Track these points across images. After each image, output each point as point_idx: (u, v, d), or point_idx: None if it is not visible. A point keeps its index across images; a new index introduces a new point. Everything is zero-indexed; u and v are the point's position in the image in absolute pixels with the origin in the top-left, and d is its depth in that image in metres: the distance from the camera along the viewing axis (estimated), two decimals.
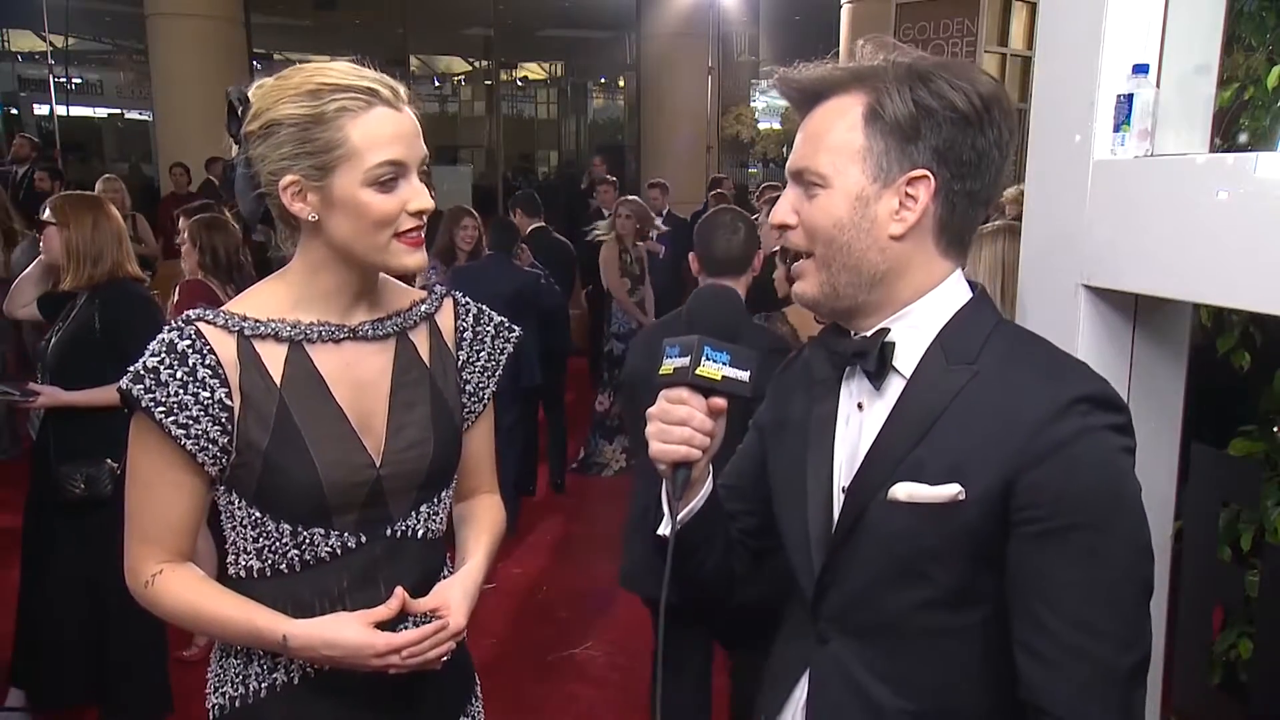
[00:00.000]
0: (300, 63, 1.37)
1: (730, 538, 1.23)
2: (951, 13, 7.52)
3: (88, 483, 2.72)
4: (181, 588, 1.26)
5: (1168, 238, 1.25)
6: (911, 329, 1.06)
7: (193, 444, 1.21)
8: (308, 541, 1.27)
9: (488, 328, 1.43)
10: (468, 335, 1.41)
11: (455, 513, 1.46)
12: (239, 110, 1.23)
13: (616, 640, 3.72)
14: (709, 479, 1.15)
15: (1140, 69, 1.33)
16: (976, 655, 1.03)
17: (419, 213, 1.23)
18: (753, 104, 15.68)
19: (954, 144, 1.01)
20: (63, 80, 13.65)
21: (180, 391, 1.20)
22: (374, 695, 1.30)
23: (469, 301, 1.44)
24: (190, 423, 1.20)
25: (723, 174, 10.99)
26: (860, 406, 1.09)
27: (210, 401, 1.21)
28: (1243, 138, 1.99)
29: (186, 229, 3.43)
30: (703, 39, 12.73)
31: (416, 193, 1.23)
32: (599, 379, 6.01)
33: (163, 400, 1.19)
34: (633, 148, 13.68)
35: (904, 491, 1.01)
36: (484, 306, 1.46)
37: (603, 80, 18.34)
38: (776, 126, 14.93)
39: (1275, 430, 1.84)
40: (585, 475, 5.71)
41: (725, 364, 1.05)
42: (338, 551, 1.28)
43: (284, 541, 1.27)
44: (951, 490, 0.98)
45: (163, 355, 1.21)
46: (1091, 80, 1.35)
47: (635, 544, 2.53)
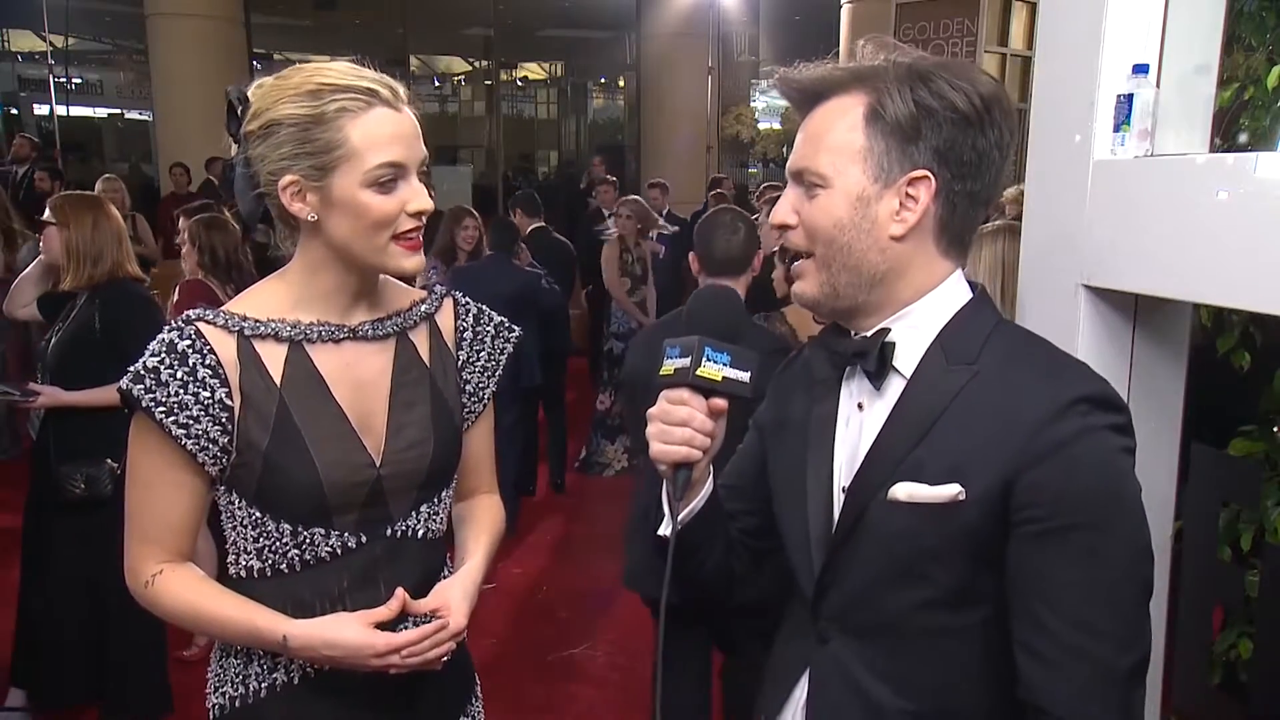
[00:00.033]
0: (300, 63, 1.37)
1: (730, 538, 1.23)
2: (951, 13, 7.52)
3: (88, 483, 2.72)
4: (181, 588, 1.26)
5: (1168, 238, 1.25)
6: (912, 329, 1.06)
7: (193, 444, 1.21)
8: (308, 541, 1.27)
9: (488, 328, 1.44)
10: (468, 335, 1.41)
11: (455, 512, 1.46)
12: (238, 109, 1.23)
13: (616, 640, 3.72)
14: (709, 479, 1.15)
15: (1140, 69, 1.33)
16: (976, 655, 1.03)
17: (418, 214, 1.23)
18: (753, 104, 15.67)
19: (954, 144, 1.01)
20: (63, 80, 13.65)
21: (180, 391, 1.20)
22: (374, 695, 1.30)
23: (469, 301, 1.44)
24: (190, 423, 1.20)
25: (723, 174, 10.99)
26: (860, 406, 1.09)
27: (210, 401, 1.21)
28: (1243, 138, 1.99)
29: (186, 229, 3.42)
30: (703, 39, 12.73)
31: (416, 193, 1.23)
32: (599, 378, 6.01)
33: (163, 400, 1.19)
34: (633, 148, 13.68)
35: (904, 491, 1.01)
36: (484, 306, 1.46)
37: (603, 80, 18.34)
38: (776, 126, 14.93)
39: (1275, 430, 1.84)
40: (587, 475, 5.71)
41: (726, 365, 1.05)
42: (338, 551, 1.28)
43: (284, 541, 1.27)
44: (951, 490, 0.98)
45: (163, 355, 1.21)
46: (1091, 80, 1.35)
47: (637, 544, 2.53)
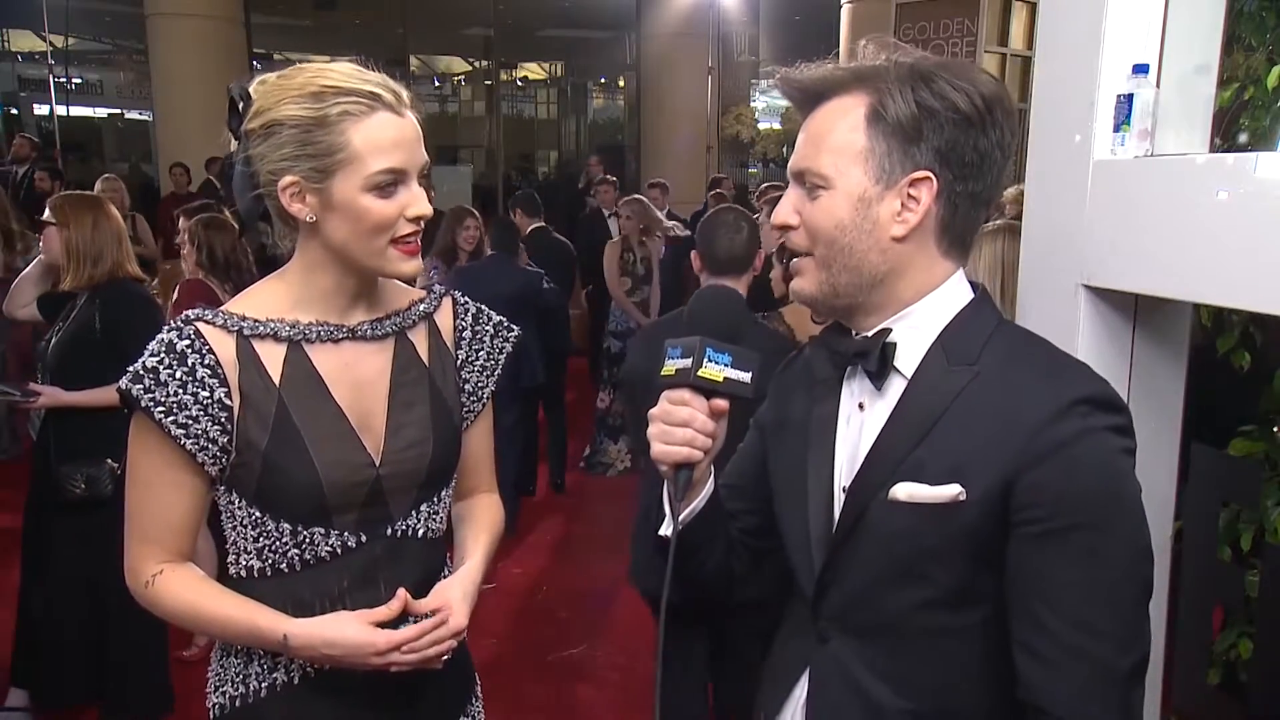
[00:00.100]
0: (300, 62, 1.37)
1: (731, 538, 1.23)
2: (951, 13, 7.51)
3: (88, 483, 2.72)
4: (182, 587, 1.26)
5: (1168, 238, 1.25)
6: (913, 329, 1.05)
7: (192, 444, 1.21)
8: (308, 541, 1.27)
9: (487, 327, 1.44)
10: (466, 335, 1.41)
11: (454, 512, 1.46)
12: (240, 106, 1.23)
13: (616, 640, 3.72)
14: (710, 479, 1.15)
15: (1140, 69, 1.33)
16: (976, 655, 1.03)
17: (417, 219, 1.23)
18: (753, 104, 15.67)
19: (956, 145, 1.01)
20: (63, 80, 13.65)
21: (180, 391, 1.20)
22: (374, 695, 1.30)
23: (468, 301, 1.44)
24: (190, 422, 1.20)
25: (723, 174, 10.99)
26: (861, 406, 1.09)
27: (210, 401, 1.21)
28: (1243, 138, 1.99)
29: (186, 229, 3.42)
30: (703, 39, 12.73)
31: (415, 198, 1.23)
32: (599, 378, 6.01)
33: (162, 400, 1.19)
34: (633, 148, 13.68)
35: (904, 492, 1.01)
36: (483, 306, 1.46)
37: (603, 80, 18.34)
38: (776, 126, 14.92)
39: (1275, 430, 1.84)
40: (590, 474, 5.70)
41: (727, 365, 1.05)
42: (338, 551, 1.28)
43: (284, 541, 1.27)
44: (952, 491, 0.98)
45: (162, 355, 1.21)
46: (1091, 80, 1.35)
47: (641, 540, 2.53)
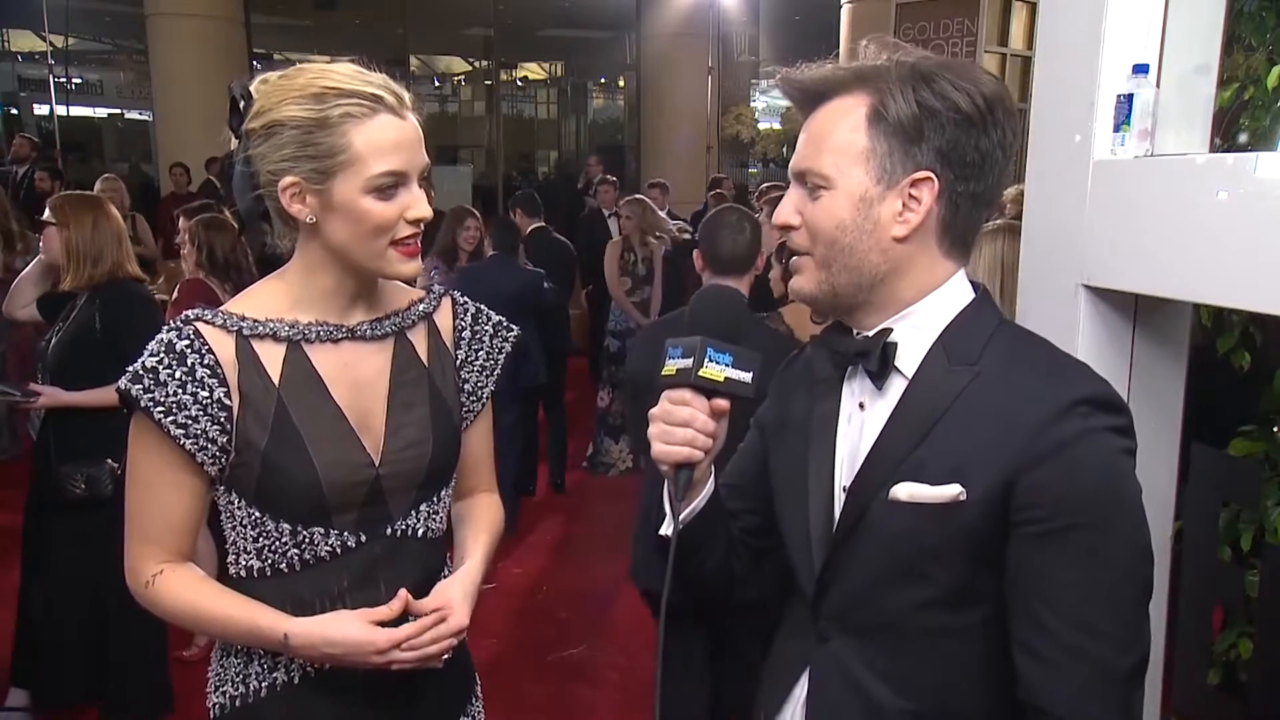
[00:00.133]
0: (300, 62, 1.37)
1: (731, 537, 1.23)
2: (951, 13, 7.50)
3: (88, 483, 2.72)
4: (182, 587, 1.26)
5: (1168, 238, 1.25)
6: (914, 329, 1.05)
7: (192, 444, 1.21)
8: (307, 541, 1.27)
9: (486, 327, 1.44)
10: (466, 334, 1.41)
11: (454, 512, 1.46)
12: (241, 105, 1.23)
13: (616, 640, 3.72)
14: (711, 479, 1.15)
15: (1140, 69, 1.34)
16: (976, 655, 1.03)
17: (417, 221, 1.23)
18: (753, 104, 15.67)
19: (957, 145, 1.01)
20: (63, 80, 13.65)
21: (179, 391, 1.20)
22: (374, 694, 1.30)
23: (467, 301, 1.44)
24: (189, 422, 1.20)
25: (723, 174, 10.99)
26: (862, 406, 1.09)
27: (209, 401, 1.21)
28: (1243, 138, 1.99)
29: (186, 229, 3.42)
30: (703, 39, 12.73)
31: (415, 201, 1.23)
32: (599, 378, 6.01)
33: (162, 400, 1.19)
34: (633, 148, 13.68)
35: (905, 491, 1.01)
36: (482, 306, 1.46)
37: (603, 80, 18.34)
38: (776, 126, 14.92)
39: (1275, 430, 1.84)
40: (592, 474, 5.70)
41: (728, 365, 1.05)
42: (337, 551, 1.28)
43: (284, 541, 1.27)
44: (952, 491, 0.98)
45: (161, 355, 1.21)
46: (1091, 80, 1.35)
47: (642, 539, 2.53)
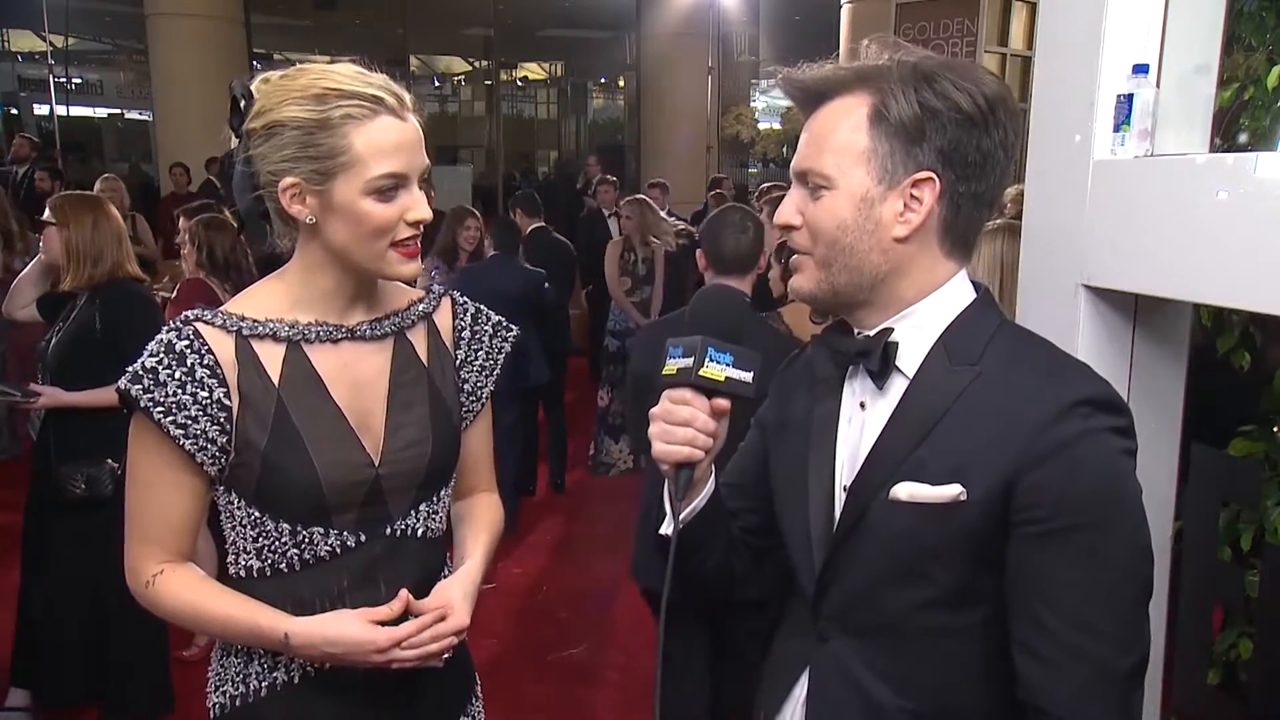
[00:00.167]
0: (300, 62, 1.37)
1: (732, 537, 1.23)
2: (951, 13, 7.50)
3: (88, 483, 2.72)
4: (182, 587, 1.26)
5: (1168, 238, 1.25)
6: (915, 329, 1.05)
7: (191, 444, 1.21)
8: (307, 541, 1.27)
9: (485, 327, 1.44)
10: (465, 334, 1.41)
11: (453, 511, 1.46)
12: (241, 105, 1.23)
13: (616, 640, 3.72)
14: (711, 478, 1.15)
15: (1140, 69, 1.34)
16: (976, 655, 1.03)
17: (416, 223, 1.23)
18: (753, 104, 15.66)
19: (959, 145, 1.01)
20: (63, 80, 13.65)
21: (179, 391, 1.20)
22: (375, 694, 1.30)
23: (467, 301, 1.44)
24: (189, 422, 1.20)
25: (723, 174, 10.99)
26: (863, 406, 1.09)
27: (209, 401, 1.21)
28: (1243, 138, 1.99)
29: (186, 229, 3.42)
30: (703, 39, 12.73)
31: (416, 202, 1.23)
32: (599, 378, 6.01)
33: (161, 400, 1.19)
34: (633, 148, 13.68)
35: (905, 491, 1.01)
36: (482, 306, 1.46)
37: (603, 80, 18.34)
38: (776, 126, 14.92)
39: (1275, 430, 1.83)
40: (593, 474, 5.69)
41: (729, 365, 1.05)
42: (337, 550, 1.28)
43: (283, 541, 1.27)
44: (953, 491, 0.98)
45: (161, 355, 1.21)
46: (1091, 80, 1.35)
47: (645, 536, 2.53)
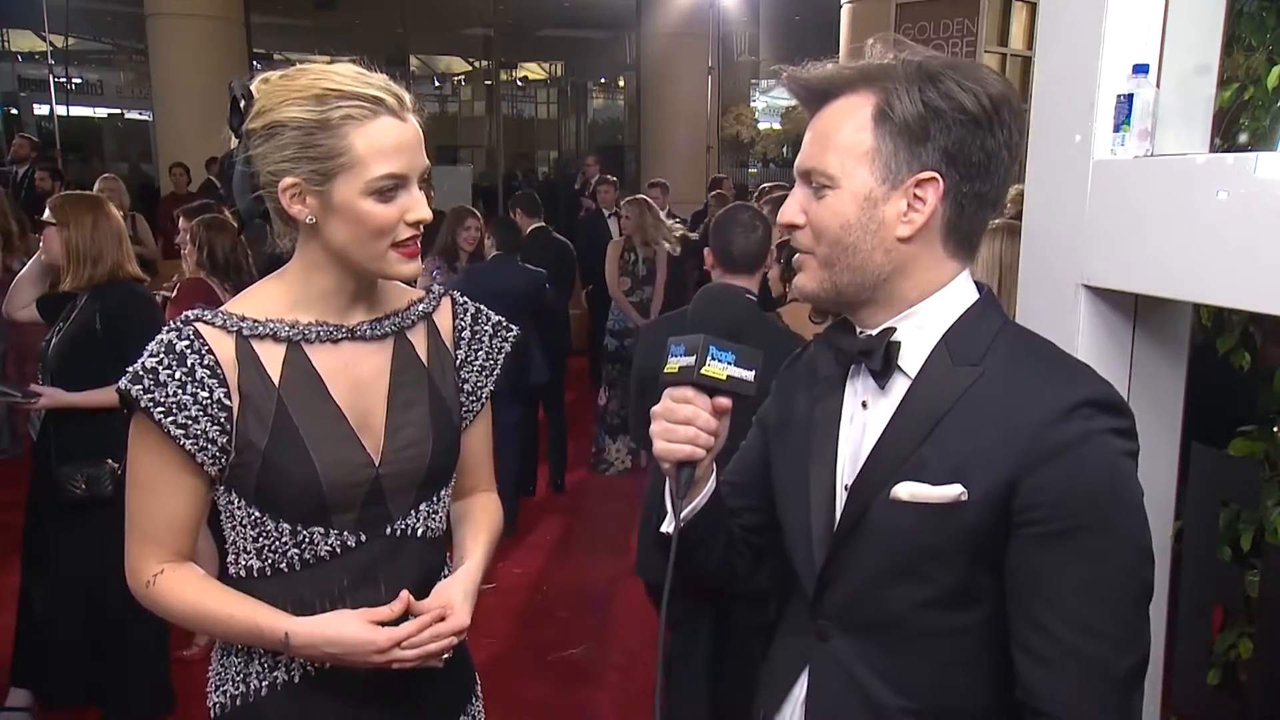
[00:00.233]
0: (300, 62, 1.37)
1: (732, 535, 1.23)
2: (951, 13, 7.50)
3: (88, 483, 2.72)
4: (183, 587, 1.26)
5: (1168, 238, 1.25)
6: (917, 329, 1.05)
7: (192, 444, 1.21)
8: (307, 540, 1.27)
9: (485, 327, 1.44)
10: (466, 334, 1.42)
11: (453, 511, 1.46)
12: (241, 104, 1.23)
13: (616, 640, 3.72)
14: (712, 477, 1.15)
15: (1140, 69, 1.34)
16: (976, 655, 1.03)
17: (416, 223, 1.23)
18: (753, 104, 15.66)
19: (963, 145, 1.01)
20: (63, 80, 13.64)
21: (179, 392, 1.20)
22: (375, 693, 1.30)
23: (467, 301, 1.45)
24: (189, 423, 1.20)
25: (723, 174, 10.99)
26: (864, 405, 1.09)
27: (209, 401, 1.21)
28: (1243, 138, 1.98)
29: (187, 229, 3.42)
30: (703, 39, 12.72)
31: (416, 203, 1.23)
32: (599, 378, 6.00)
33: (162, 400, 1.19)
34: (633, 148, 13.68)
35: (906, 491, 1.01)
36: (482, 306, 1.46)
37: (603, 80, 18.33)
38: (776, 126, 14.92)
39: (1275, 430, 1.83)
40: (593, 474, 5.69)
41: (730, 364, 1.05)
42: (337, 550, 1.28)
43: (284, 541, 1.27)
44: (954, 491, 0.98)
45: (161, 355, 1.21)
46: (1091, 80, 1.35)
47: (647, 534, 2.53)
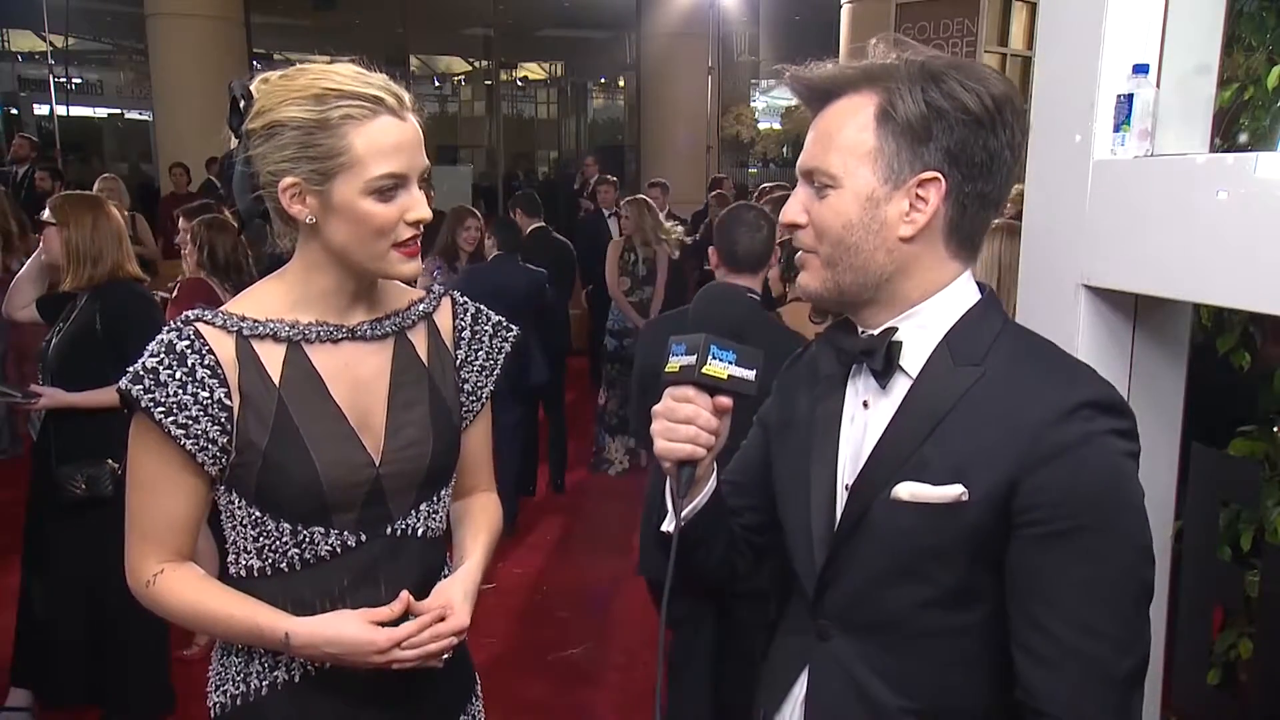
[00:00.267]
0: (300, 62, 1.37)
1: (733, 534, 1.24)
2: (951, 13, 7.50)
3: (88, 483, 2.72)
4: (183, 587, 1.26)
5: (1168, 238, 1.25)
6: (919, 329, 1.05)
7: (192, 444, 1.21)
8: (308, 540, 1.27)
9: (486, 327, 1.44)
10: (466, 334, 1.42)
11: (453, 511, 1.46)
12: (241, 104, 1.23)
13: (616, 640, 3.72)
14: (713, 476, 1.15)
15: (1140, 69, 1.34)
16: (976, 655, 1.03)
17: (416, 223, 1.23)
18: (753, 104, 15.67)
19: (965, 145, 1.01)
20: (63, 80, 13.64)
21: (179, 392, 1.20)
22: (375, 693, 1.30)
23: (467, 301, 1.45)
24: (190, 423, 1.20)
25: (723, 174, 10.99)
26: (866, 405, 1.09)
27: (209, 401, 1.21)
28: (1243, 138, 1.98)
29: (188, 229, 3.42)
30: (703, 39, 12.73)
31: (415, 203, 1.23)
32: (599, 378, 6.00)
33: (162, 400, 1.19)
34: (633, 148, 13.69)
35: (907, 491, 1.01)
36: (482, 305, 1.46)
37: (603, 80, 18.33)
38: (776, 126, 14.92)
39: (1275, 430, 1.83)
40: (593, 473, 5.68)
41: (731, 363, 1.05)
42: (338, 550, 1.28)
43: (284, 540, 1.27)
44: (955, 491, 0.98)
45: (161, 355, 1.21)
46: (1091, 80, 1.35)
47: (648, 533, 2.54)
